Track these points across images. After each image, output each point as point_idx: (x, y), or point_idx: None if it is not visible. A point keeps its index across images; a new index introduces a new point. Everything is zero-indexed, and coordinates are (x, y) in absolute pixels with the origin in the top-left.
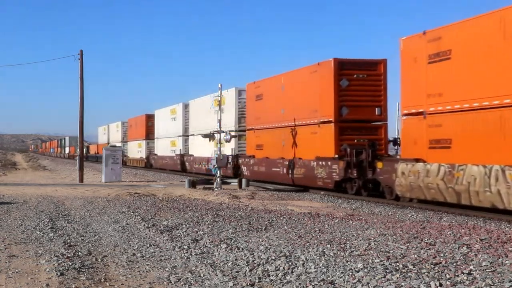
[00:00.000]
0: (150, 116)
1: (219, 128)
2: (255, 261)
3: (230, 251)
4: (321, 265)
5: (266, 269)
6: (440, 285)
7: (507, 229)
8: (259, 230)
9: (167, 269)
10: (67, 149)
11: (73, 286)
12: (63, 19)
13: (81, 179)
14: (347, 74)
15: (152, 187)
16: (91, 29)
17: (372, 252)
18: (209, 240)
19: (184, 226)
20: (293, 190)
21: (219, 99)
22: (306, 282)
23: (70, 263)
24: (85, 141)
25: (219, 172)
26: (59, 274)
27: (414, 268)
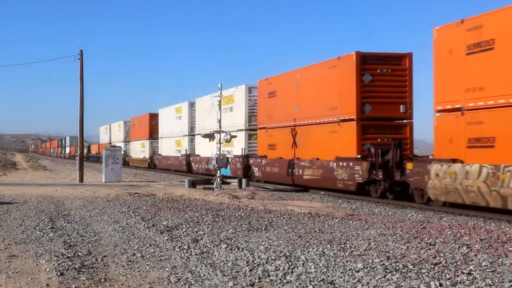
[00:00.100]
0: (153, 115)
1: (219, 128)
2: (255, 261)
3: (230, 251)
4: (321, 265)
5: (266, 269)
6: (440, 285)
7: (507, 229)
8: (259, 230)
9: (167, 269)
10: (67, 149)
11: (73, 286)
12: (64, 16)
13: (81, 179)
14: (370, 69)
15: (152, 187)
16: (92, 29)
17: (372, 252)
18: (209, 240)
19: (184, 226)
20: (293, 190)
21: (219, 99)
22: (306, 282)
23: (70, 263)
24: (85, 141)
25: (218, 172)
26: (59, 274)
27: (414, 268)
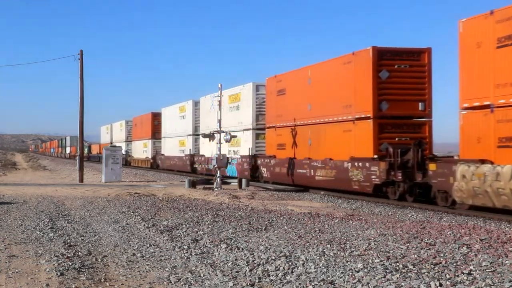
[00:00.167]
0: (156, 115)
1: (219, 128)
2: (255, 261)
3: (230, 251)
4: (321, 265)
5: (266, 269)
6: (440, 285)
7: (507, 229)
8: (259, 230)
9: (167, 269)
10: (68, 149)
11: (73, 286)
12: (64, 16)
13: (81, 179)
14: (387, 65)
15: (152, 187)
16: (93, 28)
17: (372, 252)
18: (209, 240)
19: (184, 226)
20: (293, 190)
21: (219, 99)
22: (306, 282)
23: (70, 263)
24: (85, 141)
25: (218, 172)
26: (59, 274)
27: (414, 268)
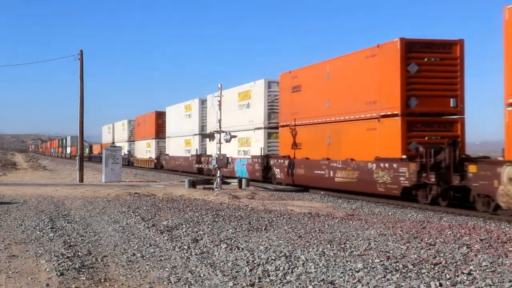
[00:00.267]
0: (160, 114)
1: (219, 128)
2: (255, 261)
3: (230, 251)
4: (321, 265)
5: (266, 269)
6: (440, 285)
7: (507, 229)
8: (259, 230)
9: (167, 269)
10: (68, 149)
11: (73, 286)
12: (64, 16)
13: (81, 179)
14: (416, 58)
15: (152, 187)
16: (94, 27)
17: (372, 252)
18: (209, 240)
19: (184, 226)
20: (293, 190)
21: (219, 99)
22: (306, 282)
23: (70, 263)
24: (86, 141)
25: (218, 172)
26: (59, 274)
27: (414, 268)
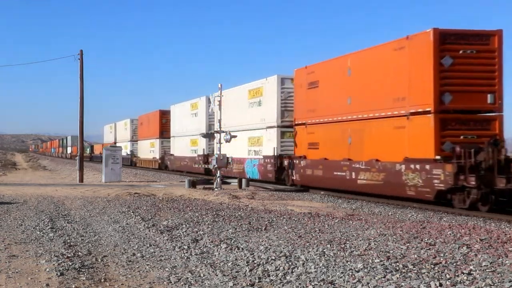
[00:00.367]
0: (164, 113)
1: (219, 128)
2: (255, 261)
3: (230, 251)
4: (321, 265)
5: (266, 269)
6: (440, 285)
7: (507, 229)
8: (259, 230)
9: (167, 269)
10: (69, 149)
11: (73, 286)
12: (64, 16)
13: (81, 179)
14: (450, 50)
15: (152, 187)
16: (96, 26)
17: (372, 252)
18: (209, 240)
19: (184, 226)
20: (293, 190)
21: (219, 99)
22: (306, 282)
23: (70, 263)
24: (86, 141)
25: (218, 172)
26: (59, 274)
27: (414, 268)
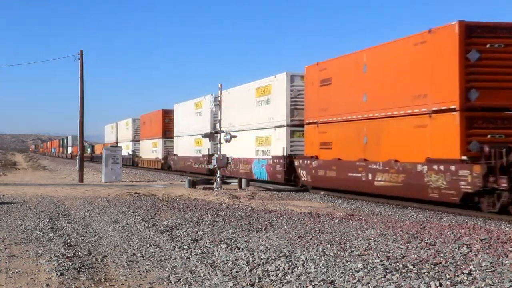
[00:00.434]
0: (167, 112)
1: (219, 128)
2: (255, 261)
3: (230, 251)
4: (321, 265)
5: (266, 269)
6: (440, 285)
7: (507, 229)
8: (259, 230)
9: (167, 269)
10: (69, 149)
11: (73, 286)
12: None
13: (81, 179)
14: (477, 43)
15: (152, 187)
16: (93, 28)
17: (372, 252)
18: (209, 240)
19: (184, 226)
20: (293, 190)
21: (219, 99)
22: (306, 282)
23: (70, 263)
24: (86, 141)
25: (218, 172)
26: (59, 274)
27: (414, 268)
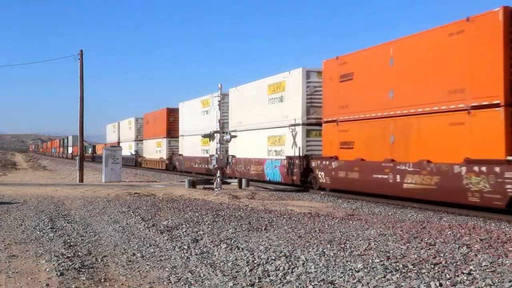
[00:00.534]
0: (172, 111)
1: (219, 128)
2: (255, 261)
3: (230, 251)
4: (321, 265)
5: (266, 269)
6: (440, 285)
7: (507, 229)
8: (259, 230)
9: (167, 269)
10: (70, 149)
11: (73, 286)
12: (65, 16)
13: (81, 179)
14: None
15: (152, 187)
16: (93, 28)
17: (372, 252)
18: (209, 240)
19: (184, 226)
20: (293, 190)
21: (219, 99)
22: (306, 282)
23: (70, 263)
24: (86, 141)
25: (218, 172)
26: (59, 274)
27: (414, 268)
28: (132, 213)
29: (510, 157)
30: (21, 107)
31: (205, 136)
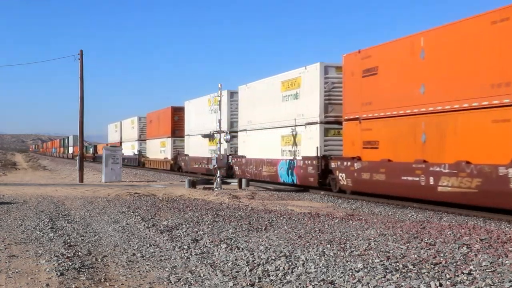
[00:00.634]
0: (177, 109)
1: (219, 128)
2: (255, 261)
3: (230, 251)
4: (321, 265)
5: (266, 269)
6: (440, 285)
7: (507, 229)
8: (259, 230)
9: (167, 269)
10: (70, 149)
11: (73, 286)
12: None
13: (81, 179)
14: None
15: (152, 187)
16: (93, 28)
17: (372, 252)
18: (209, 240)
19: (184, 226)
20: (293, 190)
21: (219, 99)
22: (306, 282)
23: (70, 263)
24: (86, 141)
25: (218, 172)
26: (59, 274)
27: (414, 268)
28: (132, 213)
29: None
30: (21, 107)
31: (205, 136)
